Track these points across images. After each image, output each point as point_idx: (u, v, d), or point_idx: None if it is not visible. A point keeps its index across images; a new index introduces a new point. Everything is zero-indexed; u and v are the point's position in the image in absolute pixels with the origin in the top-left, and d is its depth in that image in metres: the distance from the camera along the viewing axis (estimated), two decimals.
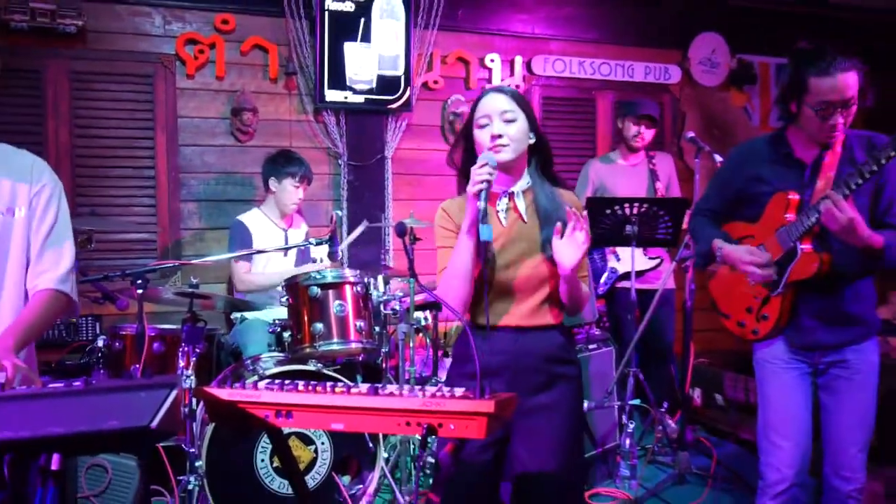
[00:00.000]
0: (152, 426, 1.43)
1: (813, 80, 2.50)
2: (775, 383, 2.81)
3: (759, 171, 2.77)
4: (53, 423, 1.40)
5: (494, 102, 2.17)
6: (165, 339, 3.51)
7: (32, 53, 4.40)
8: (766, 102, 6.20)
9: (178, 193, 4.75)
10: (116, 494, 3.17)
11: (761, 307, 2.77)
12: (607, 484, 3.75)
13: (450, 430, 1.56)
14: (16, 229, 2.09)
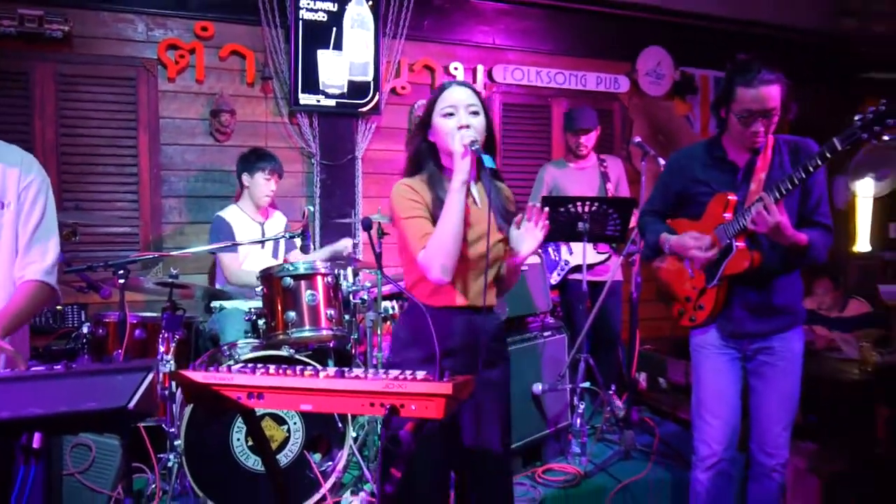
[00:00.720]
0: (129, 407, 1.42)
1: (739, 89, 2.56)
2: (708, 367, 2.88)
3: (697, 173, 2.83)
4: (34, 404, 1.38)
5: (460, 95, 2.16)
6: (146, 326, 3.45)
7: (21, 57, 4.31)
8: (706, 111, 6.27)
9: (160, 190, 4.69)
10: (100, 472, 3.14)
11: (698, 298, 2.84)
12: (559, 460, 3.77)
13: (411, 411, 1.56)
14: (5, 222, 2.06)
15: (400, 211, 2.17)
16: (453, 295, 2.18)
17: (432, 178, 2.21)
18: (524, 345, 3.65)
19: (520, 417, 3.54)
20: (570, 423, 3.87)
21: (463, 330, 2.18)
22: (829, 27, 6.43)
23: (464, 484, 2.23)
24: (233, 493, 2.93)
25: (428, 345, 2.09)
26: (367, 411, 1.59)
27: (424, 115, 2.23)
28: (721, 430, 2.83)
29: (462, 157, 2.07)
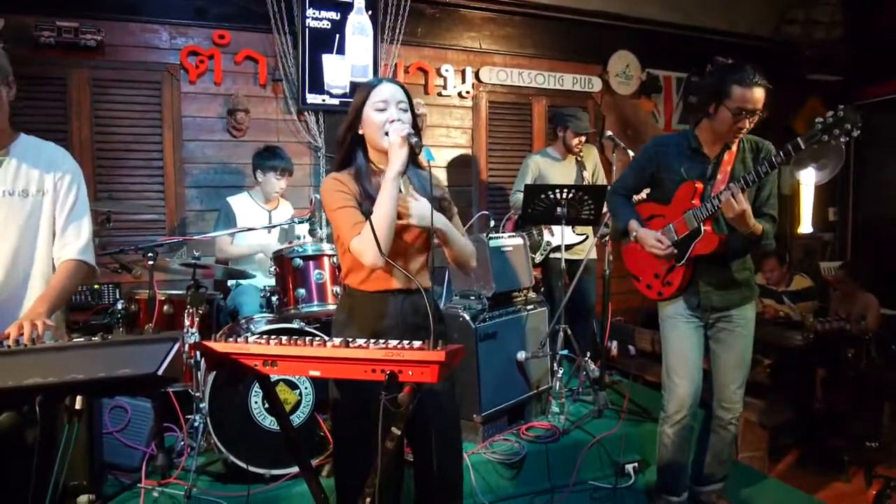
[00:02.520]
0: (159, 373, 1.43)
1: (736, 88, 2.57)
2: (675, 334, 2.92)
3: (671, 161, 2.85)
4: (76, 370, 1.39)
5: (392, 91, 2.06)
6: (173, 302, 3.46)
7: (58, 64, 4.28)
8: (669, 108, 6.28)
9: (183, 181, 4.66)
10: (135, 431, 3.15)
11: (667, 274, 2.88)
12: (540, 418, 3.79)
13: (408, 376, 1.57)
14: (44, 209, 2.07)
15: (331, 203, 2.06)
16: (386, 280, 2.08)
17: (360, 171, 2.10)
18: (509, 317, 3.66)
19: (506, 381, 3.59)
20: (550, 386, 3.88)
21: (396, 311, 2.09)
22: (775, 34, 6.45)
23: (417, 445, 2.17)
24: (252, 449, 2.93)
25: (361, 327, 2.07)
26: (368, 377, 1.59)
27: (356, 109, 2.09)
28: (687, 391, 2.88)
29: (399, 147, 1.96)
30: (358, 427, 2.01)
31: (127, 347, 1.48)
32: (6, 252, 2.00)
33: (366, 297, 2.09)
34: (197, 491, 2.86)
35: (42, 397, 1.37)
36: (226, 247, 3.96)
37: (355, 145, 2.12)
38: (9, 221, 2.00)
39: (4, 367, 1.37)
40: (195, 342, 3.11)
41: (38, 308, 1.88)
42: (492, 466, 3.32)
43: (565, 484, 3.37)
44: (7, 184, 2.01)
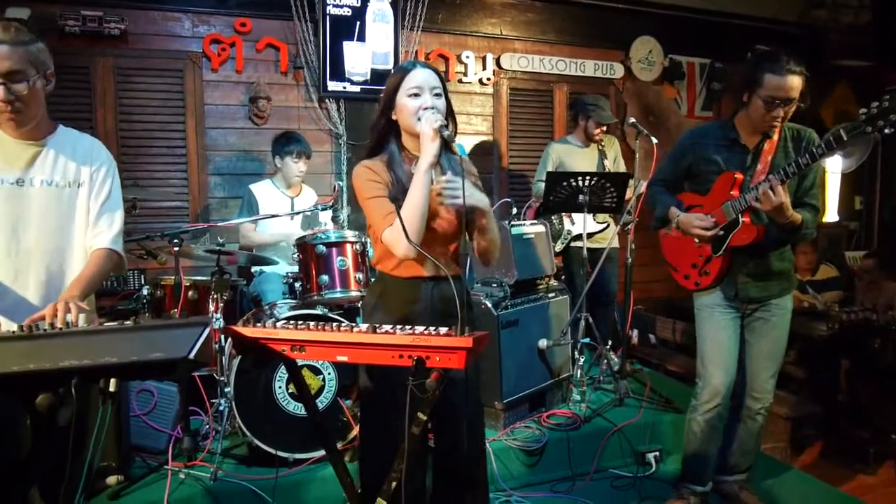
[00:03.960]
0: (189, 357, 1.45)
1: (768, 76, 2.52)
2: (711, 324, 2.88)
3: (709, 152, 2.81)
4: (110, 353, 1.42)
5: (425, 77, 2.03)
6: (198, 288, 3.49)
7: (83, 53, 4.33)
8: (692, 95, 6.21)
9: (206, 168, 4.71)
10: (161, 414, 3.21)
11: (704, 264, 2.85)
12: (561, 406, 3.80)
13: (435, 362, 1.58)
14: (80, 200, 2.10)
15: (363, 192, 2.06)
16: (417, 266, 2.08)
17: (392, 159, 2.09)
18: (531, 304, 3.66)
19: (527, 369, 3.59)
20: (572, 374, 3.89)
21: (426, 297, 2.10)
22: (802, 18, 6.33)
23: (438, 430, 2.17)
24: (275, 433, 2.97)
25: (390, 312, 2.09)
26: (396, 362, 1.60)
27: (389, 95, 2.07)
28: (721, 380, 2.84)
29: (431, 139, 1.95)
30: (384, 412, 2.03)
31: (158, 332, 1.50)
32: (45, 242, 2.02)
33: (397, 282, 2.10)
34: (222, 473, 2.91)
35: (77, 379, 1.40)
36: (249, 234, 3.99)
37: (389, 131, 2.11)
38: (47, 212, 2.03)
39: (41, 349, 1.40)
40: (222, 327, 3.15)
41: (72, 291, 1.91)
42: (513, 453, 3.34)
43: (586, 472, 3.39)
44: (45, 174, 2.04)
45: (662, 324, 5.22)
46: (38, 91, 1.98)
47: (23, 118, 1.96)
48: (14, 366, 1.36)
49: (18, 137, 2.03)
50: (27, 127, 2.00)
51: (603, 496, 3.23)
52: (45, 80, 2.01)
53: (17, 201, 2.00)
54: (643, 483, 3.34)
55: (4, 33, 1.89)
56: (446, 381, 1.62)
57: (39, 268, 2.02)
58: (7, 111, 1.91)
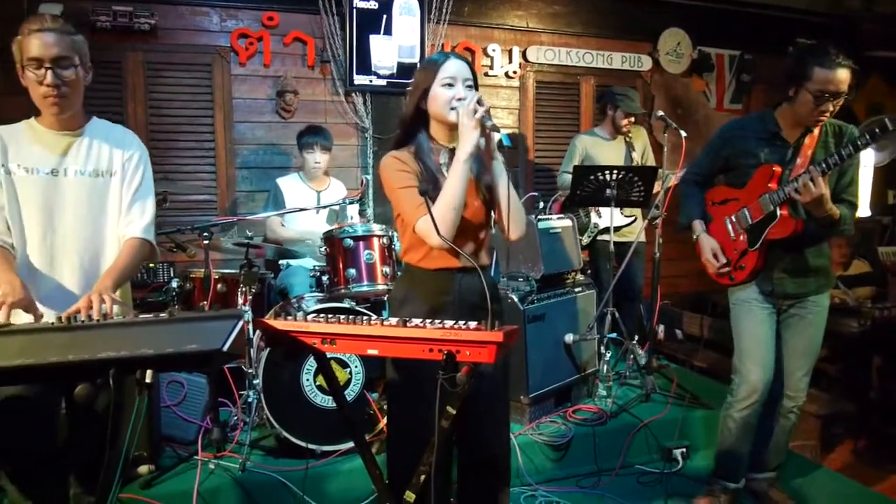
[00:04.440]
0: (223, 349, 1.47)
1: (817, 70, 2.47)
2: (748, 319, 2.84)
3: (749, 144, 2.76)
4: (146, 345, 1.43)
5: (459, 68, 2.03)
6: (227, 281, 3.52)
7: (114, 48, 4.40)
8: (721, 87, 6.13)
9: (234, 161, 4.75)
10: (191, 405, 3.25)
11: (739, 259, 2.80)
12: (587, 401, 3.79)
13: (465, 356, 1.58)
14: (113, 189, 2.13)
15: (393, 182, 2.04)
16: (445, 258, 2.06)
17: (420, 149, 2.08)
18: (557, 299, 3.65)
19: (553, 364, 3.59)
20: (597, 369, 3.87)
21: (454, 289, 2.09)
22: (833, 8, 6.20)
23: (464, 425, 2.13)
24: (302, 425, 3.00)
25: (419, 304, 2.08)
26: (426, 356, 1.61)
27: (422, 83, 2.05)
28: (759, 375, 2.79)
29: (473, 128, 1.91)
30: (412, 405, 2.04)
31: (192, 324, 1.52)
32: (79, 231, 2.06)
33: (425, 274, 2.10)
34: (251, 464, 2.94)
35: (115, 370, 1.42)
36: (276, 229, 4.02)
37: (418, 121, 2.11)
38: (81, 201, 2.06)
39: (80, 340, 1.42)
40: (254, 319, 3.18)
41: (105, 282, 1.94)
42: (538, 448, 3.33)
43: (612, 467, 3.37)
44: (80, 164, 2.08)
45: (689, 319, 5.17)
46: (80, 80, 2.03)
47: (66, 104, 2.00)
48: (54, 356, 1.39)
49: (53, 128, 2.07)
50: (67, 114, 2.04)
51: (629, 492, 3.21)
52: (86, 70, 2.06)
53: (53, 191, 2.04)
54: (670, 479, 3.32)
55: (52, 23, 1.97)
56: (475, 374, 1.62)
57: (74, 256, 2.06)
58: (53, 95, 1.95)
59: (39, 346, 1.40)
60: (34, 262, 2.01)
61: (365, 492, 2.94)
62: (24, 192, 2.01)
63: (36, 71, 1.94)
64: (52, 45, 1.93)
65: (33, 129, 2.07)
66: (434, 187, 2.02)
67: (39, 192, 2.02)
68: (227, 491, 2.83)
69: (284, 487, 2.86)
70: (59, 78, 1.94)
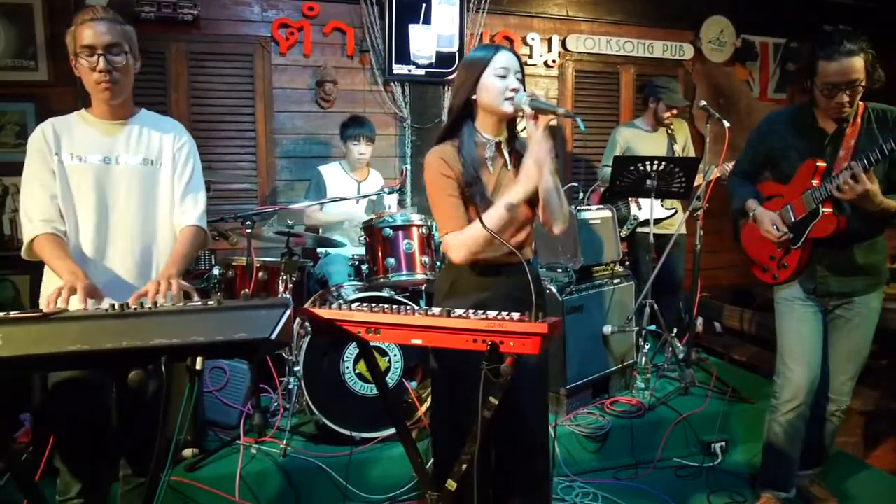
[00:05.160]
0: (272, 338, 1.49)
1: (821, 63, 2.39)
2: (792, 319, 2.74)
3: (785, 138, 2.67)
4: (197, 333, 1.46)
5: (511, 61, 2.04)
6: (268, 269, 3.57)
7: (158, 38, 4.45)
8: (765, 76, 5.99)
9: (274, 151, 4.79)
10: (233, 390, 3.31)
11: (783, 257, 2.72)
12: (625, 393, 3.76)
13: (509, 347, 1.58)
14: (162, 179, 2.17)
15: (432, 185, 2.06)
16: (490, 252, 2.06)
17: (463, 144, 2.07)
18: (596, 290, 3.62)
19: (591, 355, 3.57)
20: (635, 361, 3.84)
21: (499, 283, 2.10)
22: None
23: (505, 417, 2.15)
24: (342, 412, 3.03)
25: (463, 297, 2.08)
26: (470, 346, 1.61)
27: (473, 73, 2.04)
28: (804, 377, 2.69)
29: (543, 140, 1.92)
30: (454, 395, 2.05)
31: (241, 312, 1.54)
32: (131, 218, 2.10)
33: (469, 269, 2.10)
34: (291, 450, 2.99)
35: (167, 357, 1.45)
36: (314, 213, 4.05)
37: (467, 112, 2.10)
38: (131, 190, 2.11)
39: (132, 327, 1.45)
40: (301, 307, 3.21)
41: (170, 270, 1.99)
42: (576, 439, 3.32)
43: (649, 460, 3.35)
44: (130, 153, 2.12)
45: (730, 312, 5.09)
46: (131, 68, 2.08)
47: (117, 90, 2.04)
48: (109, 343, 1.42)
49: (104, 117, 2.11)
50: (118, 100, 2.08)
51: (667, 485, 3.18)
52: (135, 59, 2.10)
53: (105, 179, 2.08)
54: (709, 473, 3.29)
55: (105, 12, 2.04)
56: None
57: (126, 243, 2.10)
58: (105, 81, 2.00)
59: (95, 333, 1.43)
60: (87, 250, 2.05)
61: (403, 479, 2.97)
62: (76, 180, 2.05)
63: (89, 58, 1.99)
64: (104, 34, 1.98)
65: (84, 119, 2.12)
66: (476, 183, 2.02)
67: (92, 181, 2.06)
68: (269, 475, 2.88)
69: (324, 473, 2.90)
70: (110, 64, 1.99)
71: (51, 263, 1.96)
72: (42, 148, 2.04)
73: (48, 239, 1.98)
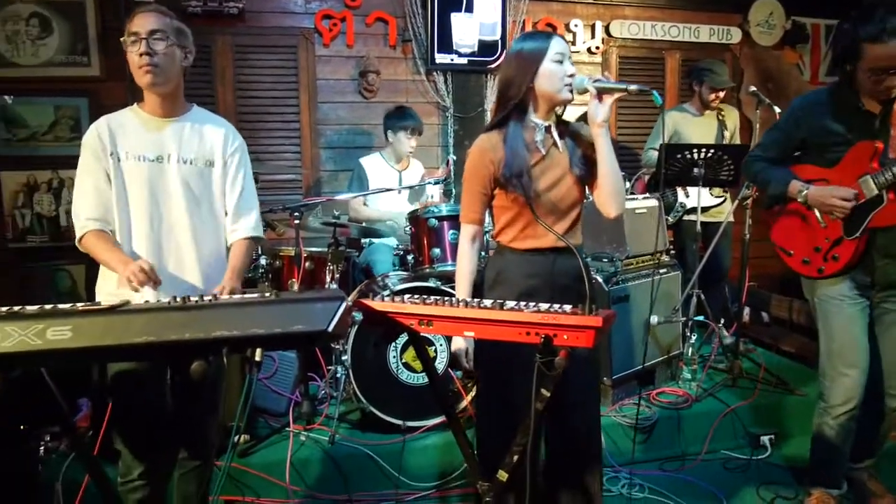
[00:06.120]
0: (328, 330, 1.51)
1: (867, 46, 2.20)
2: (840, 318, 2.55)
3: (826, 121, 2.48)
4: (256, 325, 1.49)
5: (564, 46, 2.06)
6: (314, 259, 3.61)
7: (204, 32, 4.50)
8: (816, 59, 5.81)
9: (318, 141, 4.84)
10: (282, 379, 3.37)
11: (831, 248, 2.53)
12: (671, 384, 3.73)
13: (563, 340, 1.57)
14: (214, 177, 2.20)
15: (467, 174, 2.13)
16: (538, 238, 2.08)
17: (511, 132, 2.08)
18: (642, 280, 3.58)
19: (637, 346, 3.54)
20: (682, 352, 3.80)
21: (546, 270, 2.09)
22: None
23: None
24: (388, 400, 3.07)
25: (511, 285, 2.09)
26: (523, 339, 1.61)
27: (532, 61, 2.04)
28: (857, 380, 2.53)
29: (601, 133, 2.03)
30: (503, 386, 2.06)
31: (298, 304, 1.57)
32: (183, 217, 2.13)
33: (517, 255, 2.11)
34: (339, 437, 3.04)
35: (228, 349, 1.49)
36: (359, 208, 4.09)
37: (526, 99, 2.09)
38: (184, 188, 2.13)
39: (194, 320, 1.49)
40: (354, 299, 3.25)
41: (233, 283, 2.06)
42: (621, 430, 3.31)
43: (696, 452, 3.32)
44: (182, 152, 2.14)
45: (778, 302, 4.99)
46: (175, 57, 2.09)
47: (158, 74, 2.05)
48: (173, 335, 1.46)
49: (155, 114, 2.14)
50: (161, 88, 2.09)
51: (714, 477, 3.15)
52: (182, 52, 2.12)
53: (158, 178, 2.10)
54: (758, 466, 3.25)
55: (154, 5, 2.10)
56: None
57: (180, 242, 2.13)
58: (145, 64, 2.02)
59: (159, 325, 1.47)
60: (141, 249, 2.08)
61: (448, 468, 3.00)
62: (131, 178, 2.08)
63: (133, 45, 2.03)
64: (149, 22, 2.02)
65: (137, 115, 2.14)
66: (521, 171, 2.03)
67: (146, 179, 2.09)
68: (318, 462, 2.94)
69: (371, 460, 2.94)
70: (150, 48, 2.01)
71: (101, 257, 2.01)
72: (96, 147, 2.07)
73: (95, 235, 2.03)
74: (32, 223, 4.40)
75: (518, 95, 2.07)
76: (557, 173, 2.09)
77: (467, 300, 1.75)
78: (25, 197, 4.38)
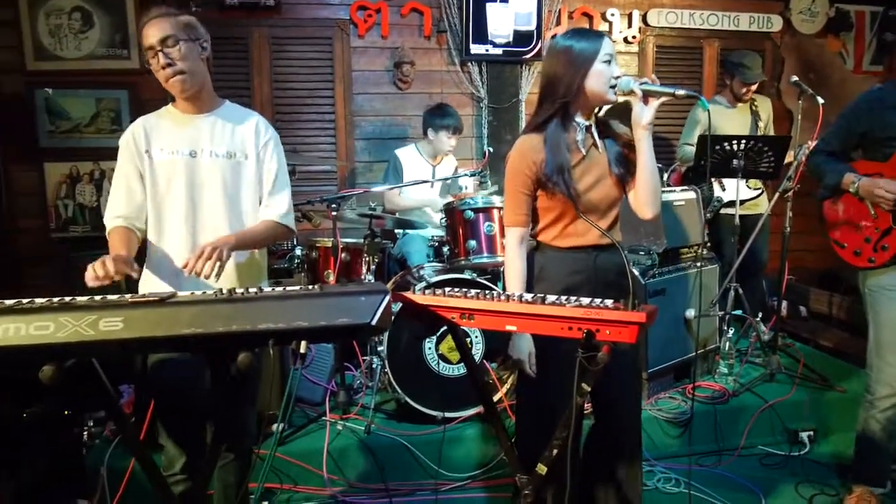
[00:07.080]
0: (372, 323, 1.52)
1: None
2: (890, 308, 2.57)
3: (887, 116, 2.51)
4: (301, 317, 1.51)
5: (612, 47, 2.03)
6: (350, 250, 3.63)
7: (241, 24, 4.56)
8: (861, 48, 5.65)
9: (353, 133, 4.86)
10: (319, 368, 3.41)
11: (881, 238, 2.56)
12: (707, 378, 3.68)
13: (605, 335, 1.56)
14: (246, 173, 2.20)
15: (508, 176, 2.09)
16: (579, 236, 2.07)
17: (552, 133, 2.04)
18: (679, 274, 3.54)
19: (673, 339, 3.50)
20: (718, 346, 3.75)
21: (588, 267, 2.08)
22: None
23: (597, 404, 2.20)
24: (423, 391, 3.09)
25: (553, 282, 2.08)
26: (565, 334, 1.60)
27: (584, 61, 2.00)
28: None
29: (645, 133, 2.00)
30: (542, 380, 2.06)
31: (342, 298, 1.57)
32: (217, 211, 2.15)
33: (559, 253, 2.10)
34: (375, 427, 3.07)
35: (273, 341, 1.51)
36: (394, 198, 4.10)
37: (576, 98, 2.05)
38: (217, 182, 2.15)
39: (241, 312, 1.51)
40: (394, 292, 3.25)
41: (228, 238, 2.03)
42: (657, 424, 3.28)
43: (733, 447, 3.29)
44: (214, 146, 2.16)
45: (817, 296, 4.89)
46: (193, 53, 2.08)
47: (186, 79, 2.06)
48: (220, 327, 1.48)
49: (187, 111, 2.16)
50: (192, 90, 2.10)
51: (751, 473, 3.12)
52: (198, 46, 2.11)
53: (192, 172, 2.13)
54: (796, 462, 3.20)
55: (156, 11, 2.06)
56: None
57: (213, 236, 2.11)
58: (170, 75, 2.04)
59: (207, 317, 1.49)
60: (176, 243, 2.11)
61: (483, 459, 3.01)
62: (166, 173, 2.11)
63: (153, 59, 2.04)
64: (157, 32, 2.02)
65: (171, 113, 2.18)
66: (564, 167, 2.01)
67: (180, 173, 2.11)
68: (354, 451, 2.97)
69: (407, 450, 2.97)
70: (167, 57, 2.02)
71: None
72: (131, 148, 2.11)
73: (116, 232, 2.07)
74: (75, 213, 4.51)
75: (568, 95, 2.04)
76: (597, 173, 2.08)
77: (509, 294, 1.74)
78: (68, 188, 4.48)
